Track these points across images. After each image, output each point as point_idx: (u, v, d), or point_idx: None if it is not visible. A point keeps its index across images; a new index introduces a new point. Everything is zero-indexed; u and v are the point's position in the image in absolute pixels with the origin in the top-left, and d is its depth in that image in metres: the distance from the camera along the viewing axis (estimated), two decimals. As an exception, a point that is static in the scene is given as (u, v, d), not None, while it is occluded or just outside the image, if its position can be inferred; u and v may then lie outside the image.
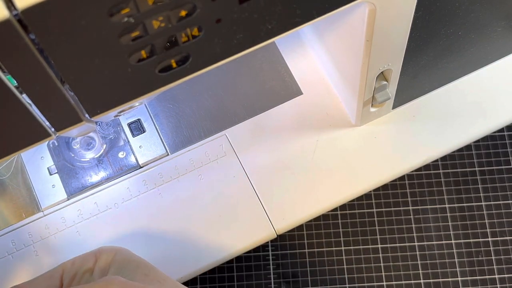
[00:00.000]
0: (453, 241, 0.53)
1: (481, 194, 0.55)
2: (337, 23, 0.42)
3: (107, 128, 0.53)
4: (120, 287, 0.35)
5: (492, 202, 0.55)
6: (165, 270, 0.48)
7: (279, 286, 0.52)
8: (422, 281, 0.52)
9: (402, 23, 0.38)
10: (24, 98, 0.27)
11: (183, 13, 0.26)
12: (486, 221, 0.54)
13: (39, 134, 0.30)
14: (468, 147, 0.56)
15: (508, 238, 0.53)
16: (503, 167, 0.56)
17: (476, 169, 0.56)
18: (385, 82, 0.45)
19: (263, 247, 0.53)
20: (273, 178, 0.51)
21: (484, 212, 0.54)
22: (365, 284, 0.52)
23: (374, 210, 0.55)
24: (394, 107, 0.52)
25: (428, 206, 0.55)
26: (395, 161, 0.52)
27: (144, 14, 0.25)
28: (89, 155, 0.52)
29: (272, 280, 0.53)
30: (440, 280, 0.52)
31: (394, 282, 0.52)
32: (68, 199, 0.51)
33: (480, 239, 0.53)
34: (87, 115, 0.30)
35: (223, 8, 0.27)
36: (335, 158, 0.52)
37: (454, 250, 0.53)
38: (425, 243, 0.54)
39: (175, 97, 0.54)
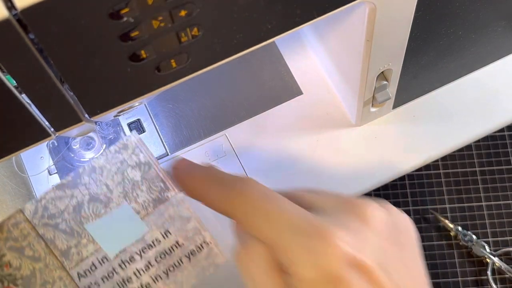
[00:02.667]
0: (453, 241, 0.53)
1: (482, 194, 0.55)
2: (337, 23, 0.42)
3: (107, 128, 0.53)
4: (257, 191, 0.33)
5: (492, 202, 0.54)
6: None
7: (279, 286, 0.52)
8: (422, 281, 0.52)
9: (402, 22, 0.38)
10: (24, 98, 0.27)
11: (183, 13, 0.26)
12: (487, 221, 0.54)
13: (39, 134, 0.30)
14: (468, 147, 0.56)
15: (508, 238, 0.53)
16: (504, 167, 0.56)
17: (477, 169, 0.56)
18: (386, 82, 0.45)
19: (263, 247, 0.53)
20: (273, 178, 0.51)
21: (485, 212, 0.54)
22: (365, 284, 0.52)
23: (374, 210, 0.55)
24: (394, 107, 0.52)
25: (429, 206, 0.55)
26: (395, 161, 0.52)
27: (144, 14, 0.25)
28: (89, 155, 0.52)
29: (272, 280, 0.52)
30: (441, 280, 0.52)
31: (394, 282, 0.52)
32: (68, 199, 0.51)
33: (481, 239, 0.53)
34: (86, 115, 0.30)
35: (223, 8, 0.27)
36: (335, 158, 0.52)
37: (455, 250, 0.53)
38: (426, 243, 0.53)
39: (175, 97, 0.54)
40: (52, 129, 0.30)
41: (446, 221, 0.53)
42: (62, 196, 0.43)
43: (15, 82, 0.26)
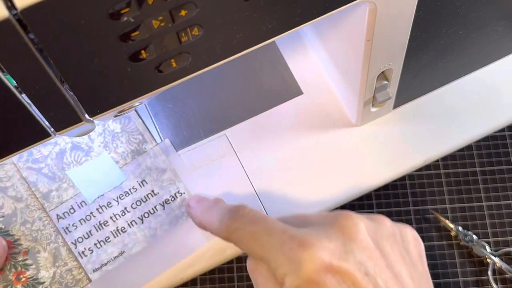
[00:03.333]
0: (453, 241, 0.53)
1: (482, 195, 0.55)
2: (338, 23, 0.42)
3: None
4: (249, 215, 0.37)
5: (493, 203, 0.54)
6: (166, 269, 0.48)
7: (280, 287, 0.52)
8: (422, 281, 0.52)
9: (403, 22, 0.38)
10: (24, 98, 0.27)
11: (183, 12, 0.26)
12: (487, 221, 0.54)
13: (39, 134, 0.30)
14: (468, 147, 0.56)
15: (509, 238, 0.53)
16: (504, 167, 0.56)
17: (477, 169, 0.56)
18: (386, 82, 0.45)
19: (263, 248, 0.53)
20: (273, 178, 0.51)
21: (485, 212, 0.54)
22: (366, 284, 0.52)
23: (375, 210, 0.54)
24: (394, 107, 0.52)
25: (429, 206, 0.55)
26: (395, 161, 0.52)
27: (144, 14, 0.25)
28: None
29: (273, 281, 0.52)
30: (441, 280, 0.52)
31: (394, 283, 0.52)
32: (68, 200, 0.51)
33: (481, 240, 0.53)
34: (86, 115, 0.30)
35: (223, 8, 0.27)
36: (336, 158, 0.52)
37: (455, 250, 0.53)
38: (426, 243, 0.53)
39: (175, 97, 0.54)
40: (52, 129, 0.30)
41: (447, 221, 0.53)
42: (46, 143, 0.45)
43: (15, 82, 0.26)
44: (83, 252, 0.45)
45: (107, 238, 0.46)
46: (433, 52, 0.46)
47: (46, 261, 0.45)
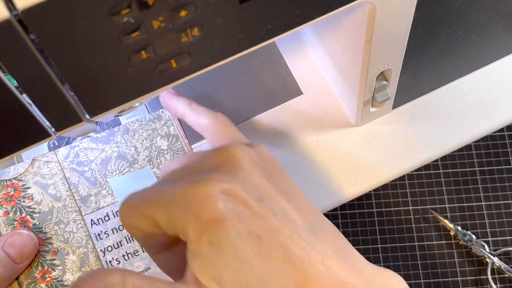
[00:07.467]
0: (453, 241, 0.53)
1: (481, 194, 0.55)
2: (337, 23, 0.43)
3: (107, 128, 0.53)
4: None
5: (492, 202, 0.55)
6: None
7: (279, 286, 0.52)
8: (422, 281, 0.52)
9: (402, 23, 0.38)
10: (24, 98, 0.27)
11: (183, 13, 0.26)
12: (486, 221, 0.54)
13: (39, 134, 0.30)
14: (468, 147, 0.56)
15: (508, 238, 0.53)
16: (503, 167, 0.56)
17: (476, 169, 0.56)
18: (385, 82, 0.45)
19: (263, 247, 0.53)
20: (273, 178, 0.51)
21: (484, 212, 0.54)
22: (365, 284, 0.52)
23: (374, 210, 0.55)
24: (394, 107, 0.52)
25: (428, 206, 0.55)
26: (395, 161, 0.52)
27: (144, 14, 0.25)
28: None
29: (272, 280, 0.53)
30: (440, 280, 0.52)
31: (394, 282, 0.52)
32: (68, 199, 0.51)
33: (480, 239, 0.53)
34: (87, 115, 0.30)
35: (223, 8, 0.27)
36: (335, 158, 0.52)
37: (454, 250, 0.53)
38: (425, 243, 0.54)
39: (175, 97, 0.54)
40: (53, 129, 0.30)
41: (446, 221, 0.53)
42: (94, 148, 0.47)
43: (16, 82, 0.26)
44: (110, 262, 0.46)
45: (135, 252, 0.46)
46: (432, 53, 0.46)
47: (73, 264, 0.45)
